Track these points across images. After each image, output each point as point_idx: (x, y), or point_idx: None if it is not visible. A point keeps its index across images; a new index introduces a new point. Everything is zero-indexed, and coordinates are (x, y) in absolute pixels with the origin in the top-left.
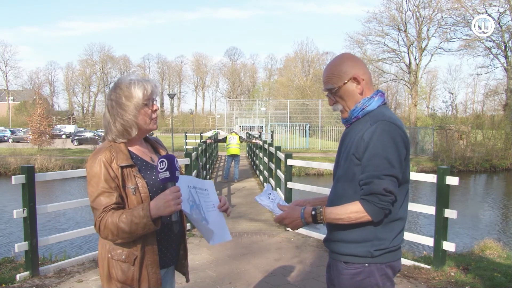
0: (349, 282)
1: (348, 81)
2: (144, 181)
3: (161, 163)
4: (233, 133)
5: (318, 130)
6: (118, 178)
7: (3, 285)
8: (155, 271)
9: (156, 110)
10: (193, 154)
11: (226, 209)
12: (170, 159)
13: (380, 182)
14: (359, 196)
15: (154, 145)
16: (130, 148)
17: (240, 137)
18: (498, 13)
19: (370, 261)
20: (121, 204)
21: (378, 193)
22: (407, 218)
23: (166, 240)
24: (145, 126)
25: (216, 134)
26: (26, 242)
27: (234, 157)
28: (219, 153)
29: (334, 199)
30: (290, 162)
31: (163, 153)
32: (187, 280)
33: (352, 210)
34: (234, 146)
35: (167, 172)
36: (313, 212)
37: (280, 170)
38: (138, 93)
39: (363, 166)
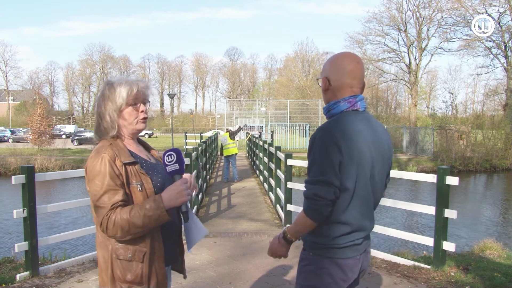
0: (299, 265)
1: (322, 78)
2: (148, 177)
3: (169, 156)
4: (226, 132)
5: None
6: (122, 176)
7: (3, 285)
8: (161, 266)
9: (142, 111)
10: (193, 154)
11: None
12: (178, 152)
13: (311, 187)
14: None
15: (145, 144)
16: (128, 147)
17: (230, 135)
18: (498, 13)
19: (313, 251)
20: (126, 202)
21: (309, 198)
22: (357, 225)
23: (165, 238)
24: (130, 126)
25: (216, 134)
26: (26, 242)
27: (228, 157)
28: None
29: None
30: (290, 162)
31: (154, 152)
32: (185, 277)
33: (300, 220)
34: (228, 146)
35: (176, 164)
36: (282, 235)
37: (280, 170)
38: (122, 93)
39: (308, 171)
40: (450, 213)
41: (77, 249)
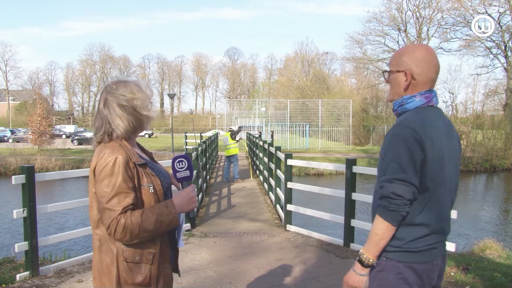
0: (372, 272)
1: (400, 71)
2: (157, 178)
3: (180, 163)
4: (228, 131)
5: (318, 130)
6: (134, 178)
7: (3, 285)
8: (168, 266)
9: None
10: (193, 154)
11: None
12: (188, 159)
13: (389, 186)
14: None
15: (139, 146)
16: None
17: (231, 135)
18: (498, 13)
19: (385, 255)
20: (136, 205)
21: (386, 197)
22: (435, 227)
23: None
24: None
25: (216, 134)
26: (26, 242)
27: (229, 157)
28: (220, 153)
29: (374, 193)
30: (290, 162)
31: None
32: (179, 275)
33: (376, 228)
34: (229, 147)
35: (187, 171)
36: (357, 261)
37: (280, 170)
38: (150, 93)
39: (384, 169)
40: None
41: (83, 249)
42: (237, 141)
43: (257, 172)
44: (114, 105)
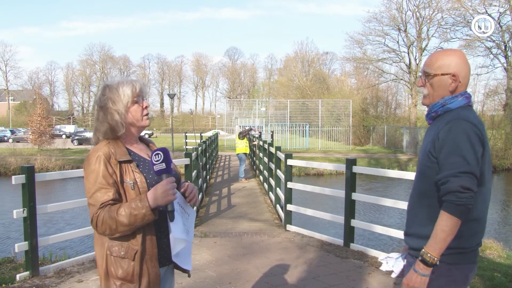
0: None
1: (447, 74)
2: (142, 176)
3: (157, 156)
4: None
5: (318, 130)
6: (116, 174)
7: (3, 285)
8: (154, 265)
9: (146, 107)
10: (193, 154)
11: (192, 198)
12: (165, 151)
13: (456, 179)
14: (435, 192)
15: (148, 144)
16: (127, 146)
17: (239, 134)
18: (498, 13)
19: (440, 258)
20: (118, 201)
21: (455, 191)
22: (483, 221)
23: (165, 237)
24: (137, 123)
25: (216, 134)
26: (26, 242)
27: (237, 156)
28: (220, 153)
29: (414, 195)
30: (290, 162)
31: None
32: (189, 275)
33: (443, 224)
34: (236, 145)
35: (163, 163)
36: (420, 260)
37: (280, 170)
38: (127, 92)
39: (440, 165)
40: None
41: (83, 249)
42: (252, 139)
43: (257, 172)
44: (96, 111)
